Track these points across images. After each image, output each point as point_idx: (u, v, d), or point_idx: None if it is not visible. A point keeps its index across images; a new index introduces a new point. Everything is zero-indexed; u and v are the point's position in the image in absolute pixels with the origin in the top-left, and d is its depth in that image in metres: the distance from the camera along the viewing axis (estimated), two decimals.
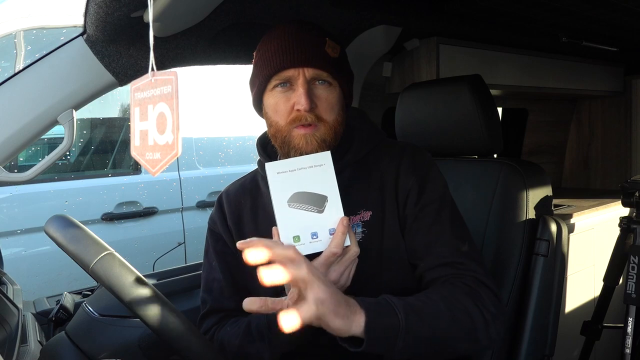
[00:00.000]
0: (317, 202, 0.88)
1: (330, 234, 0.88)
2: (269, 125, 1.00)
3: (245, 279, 1.08)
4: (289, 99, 0.95)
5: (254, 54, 1.02)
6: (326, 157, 0.88)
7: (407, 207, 1.01)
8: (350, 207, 1.00)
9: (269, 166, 0.89)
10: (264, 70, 0.96)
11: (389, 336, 0.78)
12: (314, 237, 0.88)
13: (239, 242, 0.75)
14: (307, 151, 0.95)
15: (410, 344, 0.80)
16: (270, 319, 0.94)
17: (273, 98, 0.97)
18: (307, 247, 0.88)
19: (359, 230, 0.99)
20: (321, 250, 0.88)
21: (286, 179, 0.88)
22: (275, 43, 0.95)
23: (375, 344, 0.77)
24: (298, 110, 0.93)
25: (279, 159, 1.03)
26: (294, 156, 0.96)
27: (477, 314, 0.88)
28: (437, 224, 0.99)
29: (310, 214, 0.88)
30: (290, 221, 0.88)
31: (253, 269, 1.06)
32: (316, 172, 0.88)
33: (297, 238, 0.88)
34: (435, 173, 1.05)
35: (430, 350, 0.84)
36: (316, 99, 0.94)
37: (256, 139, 1.13)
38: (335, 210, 0.88)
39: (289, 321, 0.70)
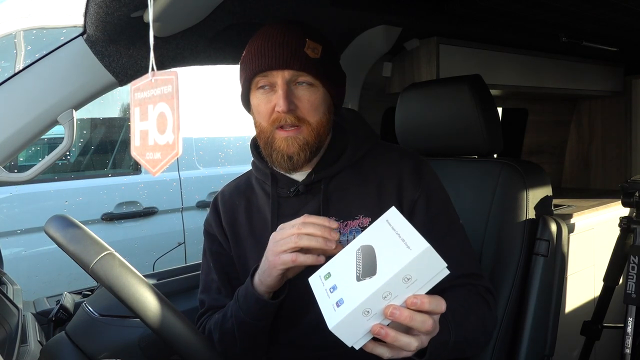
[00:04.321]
0: (367, 267, 0.72)
1: (337, 306, 0.71)
2: (255, 125, 1.02)
3: (240, 279, 1.08)
4: (270, 101, 0.96)
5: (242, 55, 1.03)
6: (428, 253, 0.68)
7: (414, 219, 1.02)
8: (347, 211, 1.01)
9: (396, 211, 0.78)
10: (246, 71, 0.97)
11: (439, 350, 0.82)
12: (332, 290, 0.74)
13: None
14: (288, 153, 0.96)
15: (449, 354, 0.85)
16: (239, 293, 0.96)
17: (256, 99, 0.98)
18: (318, 289, 0.77)
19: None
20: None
21: (384, 231, 0.75)
22: (256, 45, 0.96)
23: (431, 355, 0.81)
24: (278, 112, 0.94)
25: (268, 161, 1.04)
26: (276, 157, 0.97)
27: (489, 323, 0.99)
28: (449, 236, 1.02)
29: (352, 270, 0.73)
30: (342, 260, 0.78)
31: (247, 269, 1.07)
32: (400, 247, 0.70)
33: (328, 276, 0.78)
34: (439, 183, 1.07)
35: (457, 354, 0.89)
36: (297, 100, 0.95)
37: (250, 140, 1.13)
38: (363, 292, 0.68)
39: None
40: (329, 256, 0.83)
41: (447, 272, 0.69)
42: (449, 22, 1.66)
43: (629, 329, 1.61)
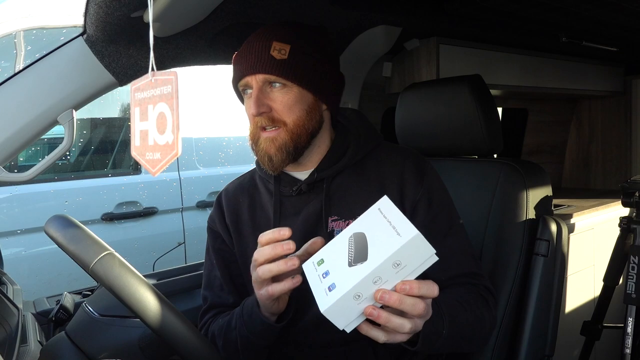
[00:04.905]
0: (358, 253, 0.74)
1: (329, 290, 0.73)
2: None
3: (242, 276, 1.09)
4: (251, 105, 0.99)
5: None
6: (417, 239, 0.69)
7: (415, 218, 1.03)
8: (349, 210, 1.01)
9: (388, 199, 0.80)
10: (232, 79, 1.03)
11: (432, 340, 0.84)
12: (324, 275, 0.76)
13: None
14: (268, 153, 0.98)
15: (442, 346, 0.88)
16: (244, 310, 0.95)
17: (245, 103, 1.03)
18: (311, 275, 0.79)
19: None
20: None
21: (376, 219, 0.77)
22: (237, 52, 1.00)
23: (423, 346, 0.83)
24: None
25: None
26: (260, 158, 1.00)
27: (487, 322, 0.98)
28: (449, 236, 1.03)
29: (344, 256, 0.76)
30: (335, 247, 0.79)
31: (249, 266, 1.08)
32: (390, 233, 0.72)
33: (321, 262, 0.80)
34: (440, 184, 1.08)
35: (450, 348, 0.92)
36: (272, 102, 0.97)
37: None
38: (354, 276, 0.71)
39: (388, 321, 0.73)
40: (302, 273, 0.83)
41: (436, 258, 0.72)
42: (449, 22, 1.66)
43: (629, 329, 1.61)
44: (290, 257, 0.83)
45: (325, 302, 0.72)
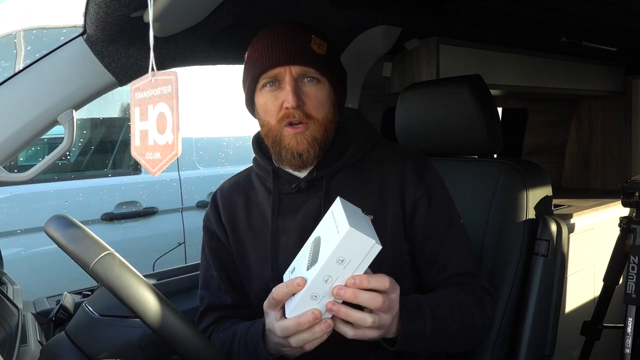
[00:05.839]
0: (314, 257, 0.79)
1: (292, 295, 0.80)
2: (261, 125, 1.02)
3: (240, 275, 1.09)
4: (278, 98, 0.96)
5: (245, 55, 1.03)
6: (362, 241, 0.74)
7: (416, 217, 1.03)
8: None
9: (340, 200, 0.84)
10: (252, 70, 0.97)
11: (414, 340, 0.87)
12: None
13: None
14: (298, 150, 0.96)
15: (427, 346, 0.89)
16: (249, 339, 0.93)
17: (262, 97, 0.98)
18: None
19: None
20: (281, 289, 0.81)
21: (328, 222, 0.81)
22: (262, 43, 0.96)
23: (402, 346, 0.86)
24: (286, 108, 0.94)
25: (273, 158, 1.05)
26: (285, 156, 0.98)
27: (479, 322, 0.98)
28: (448, 235, 1.03)
29: (305, 262, 0.81)
30: (302, 254, 0.84)
31: (246, 265, 1.07)
32: (334, 233, 0.75)
33: (293, 270, 0.85)
34: (441, 182, 1.08)
35: (436, 348, 0.94)
36: (304, 96, 0.95)
37: (251, 139, 1.14)
38: (308, 279, 0.76)
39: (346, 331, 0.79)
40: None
41: (379, 247, 0.74)
42: (449, 22, 1.66)
43: (629, 329, 1.61)
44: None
45: (289, 307, 0.79)
